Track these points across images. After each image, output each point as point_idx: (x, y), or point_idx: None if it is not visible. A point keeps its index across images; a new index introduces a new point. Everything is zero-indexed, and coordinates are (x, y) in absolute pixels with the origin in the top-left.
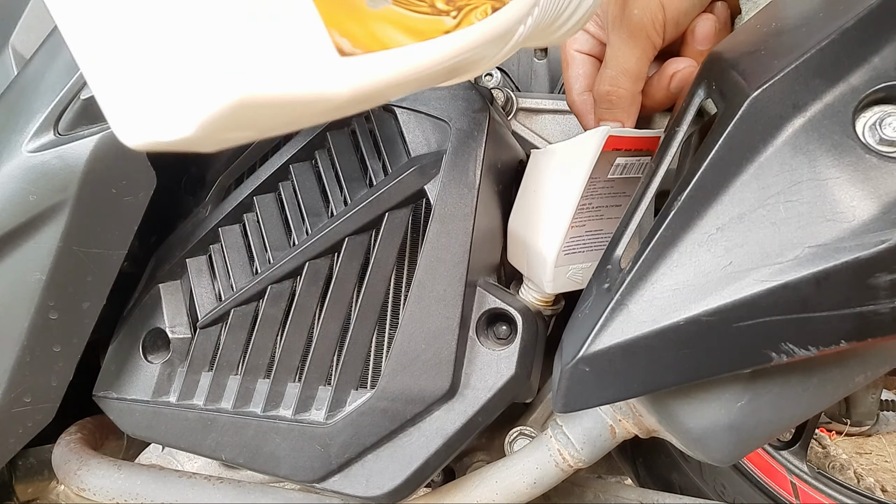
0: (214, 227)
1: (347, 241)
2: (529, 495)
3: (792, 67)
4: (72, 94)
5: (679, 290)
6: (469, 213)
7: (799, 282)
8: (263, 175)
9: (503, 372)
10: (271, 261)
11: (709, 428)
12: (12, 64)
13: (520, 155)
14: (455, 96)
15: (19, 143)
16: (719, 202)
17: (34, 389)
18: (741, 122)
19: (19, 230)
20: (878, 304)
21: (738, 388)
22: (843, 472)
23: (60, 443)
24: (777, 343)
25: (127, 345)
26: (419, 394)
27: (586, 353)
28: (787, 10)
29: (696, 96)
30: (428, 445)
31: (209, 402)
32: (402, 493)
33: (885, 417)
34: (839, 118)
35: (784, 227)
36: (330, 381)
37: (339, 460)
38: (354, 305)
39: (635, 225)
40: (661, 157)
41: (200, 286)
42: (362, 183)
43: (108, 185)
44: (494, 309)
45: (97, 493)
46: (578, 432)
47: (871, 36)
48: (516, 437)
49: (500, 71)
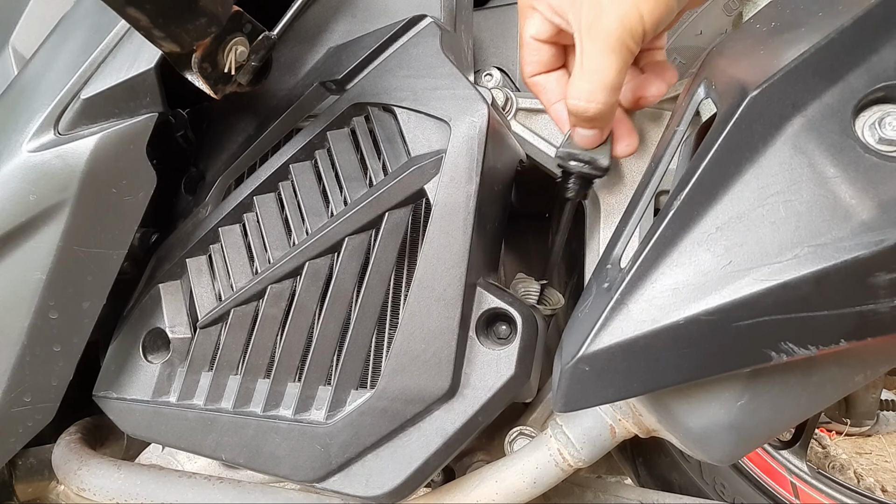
0: (214, 227)
1: (347, 240)
2: (529, 495)
3: (791, 67)
4: (72, 94)
5: (679, 289)
6: (469, 213)
7: (798, 281)
8: (263, 175)
9: (503, 372)
10: (271, 261)
11: (709, 427)
12: (12, 64)
13: (519, 155)
14: (455, 96)
15: (19, 143)
16: (719, 202)
17: (34, 389)
18: (741, 121)
19: (19, 230)
20: (878, 304)
21: (738, 388)
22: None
23: (60, 443)
24: (777, 342)
25: (127, 345)
26: (419, 394)
27: (586, 353)
28: (786, 10)
29: (696, 96)
30: (428, 445)
31: (209, 402)
32: (402, 492)
33: (885, 417)
34: (838, 118)
35: (783, 227)
36: (330, 381)
37: (339, 460)
38: (354, 305)
39: (635, 224)
40: (661, 157)
41: (200, 286)
42: (362, 183)
43: (108, 185)
44: (494, 309)
45: (97, 493)
46: (578, 432)
47: (870, 36)
48: (516, 437)
49: (500, 71)
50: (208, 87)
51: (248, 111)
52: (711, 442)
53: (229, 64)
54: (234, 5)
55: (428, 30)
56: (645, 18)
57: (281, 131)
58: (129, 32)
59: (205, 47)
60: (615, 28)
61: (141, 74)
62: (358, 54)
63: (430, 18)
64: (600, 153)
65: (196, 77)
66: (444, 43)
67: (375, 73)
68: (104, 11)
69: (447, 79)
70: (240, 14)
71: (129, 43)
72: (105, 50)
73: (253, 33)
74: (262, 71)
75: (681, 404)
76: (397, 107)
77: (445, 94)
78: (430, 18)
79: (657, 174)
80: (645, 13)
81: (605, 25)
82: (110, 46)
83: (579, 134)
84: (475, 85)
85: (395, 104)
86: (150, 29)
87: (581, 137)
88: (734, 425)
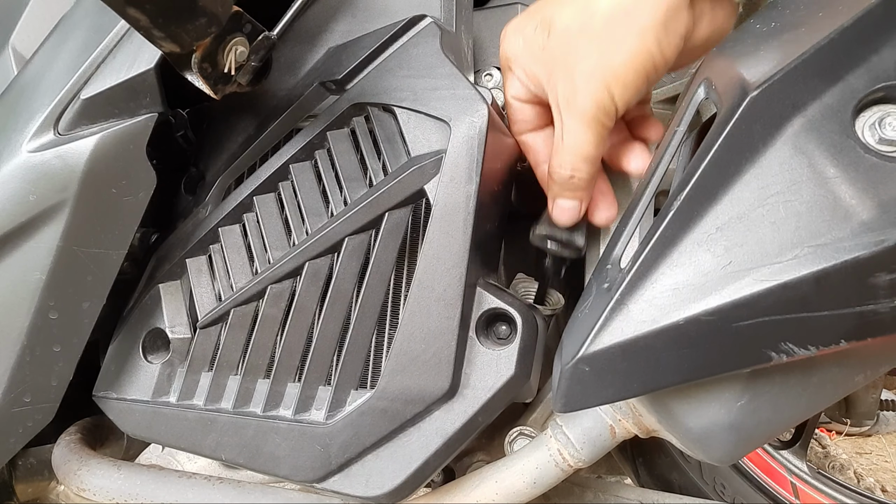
0: (214, 227)
1: (347, 241)
2: (529, 495)
3: (791, 67)
4: (72, 94)
5: (679, 289)
6: (469, 214)
7: (798, 281)
8: (263, 175)
9: (503, 372)
10: (271, 261)
11: (709, 427)
12: (12, 64)
13: (519, 155)
14: (455, 96)
15: (19, 143)
16: (719, 202)
17: (34, 389)
18: (741, 121)
19: (19, 230)
20: (878, 304)
21: (738, 388)
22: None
23: (60, 443)
24: (777, 342)
25: (127, 345)
26: (419, 394)
27: (586, 353)
28: (786, 10)
29: (696, 96)
30: (428, 445)
31: (209, 403)
32: (402, 492)
33: (885, 417)
34: (839, 118)
35: (783, 227)
36: (330, 381)
37: (339, 460)
38: (354, 305)
39: (635, 225)
40: (661, 157)
41: (200, 286)
42: (362, 183)
43: (108, 185)
44: (494, 309)
45: (97, 493)
46: (578, 432)
47: (871, 36)
48: (516, 437)
49: (500, 71)
50: (208, 88)
51: (248, 111)
52: (711, 442)
53: (229, 64)
54: (234, 5)
55: (428, 30)
56: (616, 99)
57: (281, 131)
58: (129, 32)
59: (205, 47)
60: (589, 107)
61: (141, 74)
62: (358, 54)
63: (430, 18)
64: (576, 234)
65: (196, 77)
66: (444, 43)
67: (375, 73)
68: (104, 11)
69: (447, 79)
70: (240, 14)
71: (129, 43)
72: (105, 50)
73: (253, 33)
74: (262, 71)
75: (681, 404)
76: (397, 107)
77: (445, 94)
78: (430, 18)
79: (657, 174)
80: (616, 94)
81: (579, 104)
82: (110, 46)
83: (559, 207)
84: (475, 85)
85: (395, 104)
86: (150, 29)
87: (561, 211)
88: (734, 425)
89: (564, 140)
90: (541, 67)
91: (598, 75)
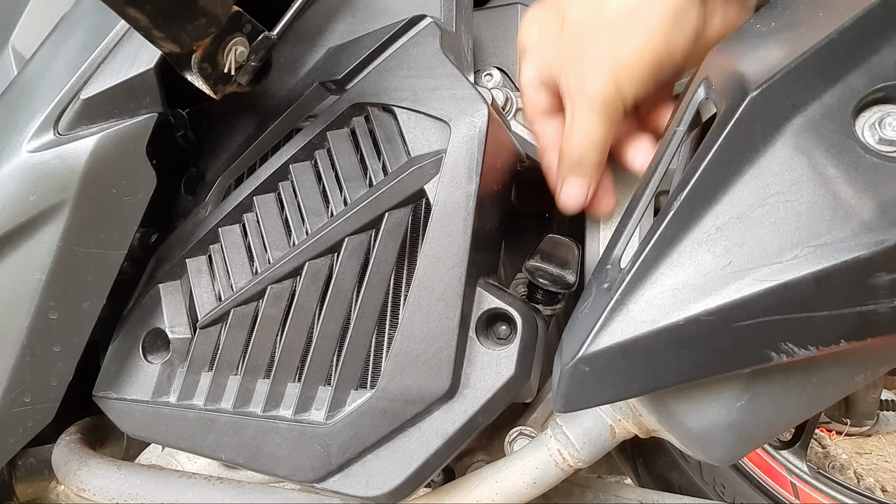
0: (214, 227)
1: (347, 241)
2: (529, 495)
3: (792, 67)
4: (72, 94)
5: (679, 289)
6: (469, 213)
7: (798, 281)
8: (263, 175)
9: (503, 372)
10: (271, 261)
11: (709, 427)
12: (12, 64)
13: (519, 155)
14: (455, 96)
15: (19, 143)
16: (719, 202)
17: (34, 389)
18: (741, 121)
19: (19, 230)
20: (878, 304)
21: (738, 388)
22: (843, 472)
23: (60, 443)
24: (777, 343)
25: (127, 345)
26: (419, 394)
27: (586, 353)
28: (786, 10)
29: (696, 96)
30: (428, 445)
31: (209, 403)
32: (402, 492)
33: (885, 417)
34: (838, 118)
35: (783, 227)
36: (330, 381)
37: (339, 460)
38: (354, 305)
39: (635, 224)
40: (661, 157)
41: (200, 286)
42: (362, 183)
43: (108, 185)
44: (494, 309)
45: (97, 493)
46: (578, 432)
47: (870, 36)
48: (516, 437)
49: (500, 71)
50: (208, 88)
51: (248, 111)
52: (711, 442)
53: (229, 64)
54: (234, 5)
55: (428, 30)
56: (624, 91)
57: (281, 131)
58: (129, 32)
59: (205, 47)
60: (598, 97)
61: (141, 74)
62: (358, 54)
63: (430, 18)
64: (567, 271)
65: (196, 77)
66: (444, 43)
67: (375, 74)
68: (104, 11)
69: (447, 79)
70: (240, 14)
71: (129, 43)
72: (105, 50)
73: (253, 33)
74: (262, 71)
75: (681, 404)
76: (397, 107)
77: (445, 95)
78: (430, 18)
79: (657, 174)
80: (624, 86)
81: (589, 94)
82: (110, 46)
83: (566, 193)
84: (475, 85)
85: (395, 104)
86: (149, 29)
87: (567, 197)
88: (734, 425)
89: (574, 127)
90: (553, 57)
91: (608, 67)
